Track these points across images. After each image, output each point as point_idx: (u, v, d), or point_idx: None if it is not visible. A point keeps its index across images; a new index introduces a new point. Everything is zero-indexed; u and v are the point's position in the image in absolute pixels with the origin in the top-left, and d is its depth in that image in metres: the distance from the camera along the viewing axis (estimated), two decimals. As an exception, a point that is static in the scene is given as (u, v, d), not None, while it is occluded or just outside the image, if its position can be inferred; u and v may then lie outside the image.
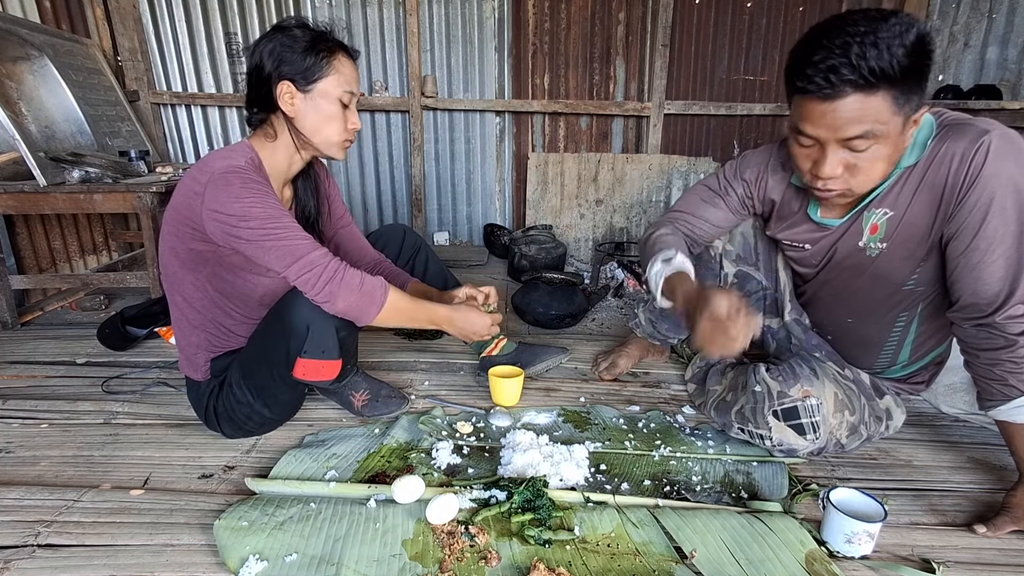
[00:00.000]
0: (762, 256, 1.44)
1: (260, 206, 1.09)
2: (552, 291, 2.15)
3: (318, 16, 2.92)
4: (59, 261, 2.48)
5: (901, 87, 0.91)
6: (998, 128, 1.00)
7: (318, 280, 1.10)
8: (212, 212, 1.09)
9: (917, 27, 0.91)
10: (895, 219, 1.11)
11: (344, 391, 1.43)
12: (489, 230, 3.24)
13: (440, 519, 1.03)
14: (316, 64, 1.14)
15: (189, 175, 1.15)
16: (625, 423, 1.44)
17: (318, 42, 1.15)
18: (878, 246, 1.15)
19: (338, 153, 1.24)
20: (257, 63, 1.15)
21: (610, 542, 1.02)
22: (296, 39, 1.13)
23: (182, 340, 1.30)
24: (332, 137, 1.21)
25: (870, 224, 1.15)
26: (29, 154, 1.86)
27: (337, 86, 1.17)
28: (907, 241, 1.12)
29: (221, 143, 3.10)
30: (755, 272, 1.45)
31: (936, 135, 1.05)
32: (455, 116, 3.15)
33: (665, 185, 3.15)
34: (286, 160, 1.24)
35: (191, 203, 1.12)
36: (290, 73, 1.14)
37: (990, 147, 0.98)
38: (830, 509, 1.02)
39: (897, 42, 0.89)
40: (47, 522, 1.04)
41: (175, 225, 1.17)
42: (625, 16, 3.02)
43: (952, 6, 2.99)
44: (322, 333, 1.18)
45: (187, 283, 1.22)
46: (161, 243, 1.23)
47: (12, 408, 1.46)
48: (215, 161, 1.12)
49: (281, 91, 1.15)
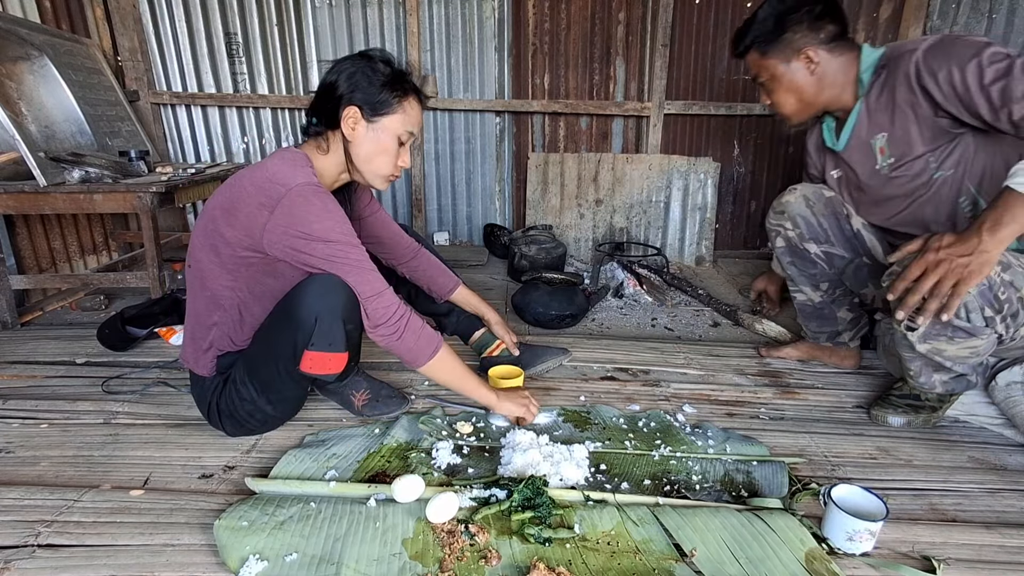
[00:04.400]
0: (829, 229, 1.60)
1: (339, 230, 1.14)
2: (552, 291, 2.15)
3: (318, 16, 2.93)
4: (59, 261, 2.48)
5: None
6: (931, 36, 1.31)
7: (391, 317, 1.18)
8: (284, 228, 1.11)
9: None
10: (891, 136, 1.40)
11: (345, 391, 1.43)
12: (489, 230, 3.24)
13: (440, 518, 1.03)
14: (389, 100, 1.19)
15: (252, 182, 1.14)
16: (625, 423, 1.44)
17: (398, 81, 1.20)
18: (889, 162, 1.43)
19: (381, 184, 1.28)
20: (332, 81, 1.19)
21: (610, 540, 1.02)
22: (378, 72, 1.18)
23: (194, 334, 1.29)
24: (381, 170, 1.25)
25: (878, 148, 1.44)
26: (29, 154, 1.86)
27: (401, 125, 1.22)
28: (909, 145, 1.38)
29: (221, 143, 3.10)
30: (832, 248, 1.61)
31: (882, 59, 1.39)
32: (455, 116, 3.15)
33: (665, 185, 3.15)
34: (333, 176, 1.27)
35: (254, 213, 1.12)
36: (361, 100, 1.18)
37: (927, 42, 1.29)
38: (831, 506, 1.02)
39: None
40: (47, 522, 1.04)
41: (224, 225, 1.16)
42: (625, 16, 3.02)
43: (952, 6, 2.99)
44: (330, 325, 1.18)
45: (221, 283, 1.22)
46: (198, 236, 1.22)
47: (12, 408, 1.46)
48: (286, 173, 1.13)
49: (347, 114, 1.18)
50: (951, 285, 1.13)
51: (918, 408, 1.47)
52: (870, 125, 1.44)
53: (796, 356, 1.86)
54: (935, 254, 1.14)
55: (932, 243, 1.16)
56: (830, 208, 1.60)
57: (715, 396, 1.62)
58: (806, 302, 1.74)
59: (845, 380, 1.74)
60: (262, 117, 3.09)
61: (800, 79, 1.45)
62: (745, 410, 1.55)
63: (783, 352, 1.87)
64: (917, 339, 1.28)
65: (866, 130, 1.45)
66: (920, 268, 1.16)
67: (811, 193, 1.61)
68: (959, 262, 1.12)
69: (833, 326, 1.75)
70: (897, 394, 1.51)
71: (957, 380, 1.39)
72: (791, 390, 1.67)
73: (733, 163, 3.27)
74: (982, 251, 1.10)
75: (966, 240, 1.12)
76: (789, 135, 3.21)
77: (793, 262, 1.68)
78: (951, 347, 1.28)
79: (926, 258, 1.15)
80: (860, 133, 1.46)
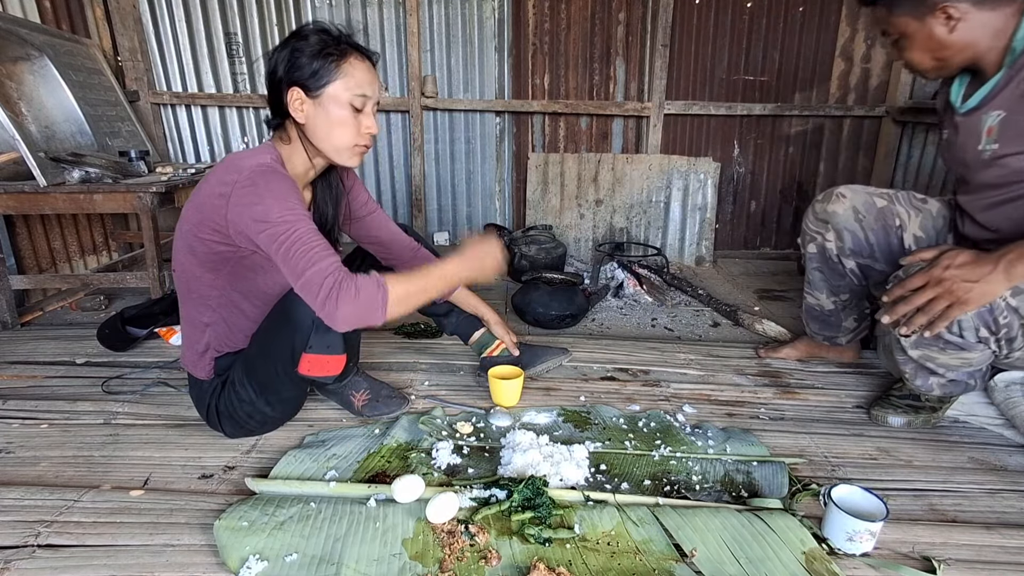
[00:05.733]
0: (876, 244, 1.51)
1: (278, 209, 1.05)
2: (552, 291, 2.15)
3: (318, 16, 2.93)
4: (59, 261, 2.48)
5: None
6: None
7: (319, 293, 1.02)
8: (237, 215, 1.07)
9: None
10: (1008, 119, 1.19)
11: (344, 391, 1.43)
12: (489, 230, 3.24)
13: (440, 518, 1.03)
14: (324, 68, 1.10)
15: (214, 175, 1.13)
16: (625, 423, 1.44)
17: (328, 45, 1.11)
18: (991, 148, 1.23)
19: (350, 160, 1.20)
20: (271, 69, 1.13)
21: (610, 540, 1.01)
22: (308, 43, 1.10)
23: (190, 338, 1.29)
24: (342, 143, 1.16)
25: (986, 127, 1.23)
26: (29, 154, 1.86)
27: (347, 90, 1.12)
28: (1015, 138, 1.18)
29: (221, 143, 3.10)
30: (874, 263, 1.53)
31: None
32: (455, 116, 3.15)
33: (665, 185, 3.15)
34: (304, 165, 1.22)
35: (215, 204, 1.09)
36: (299, 79, 1.11)
37: None
38: (831, 507, 1.02)
39: None
40: (47, 522, 1.04)
41: (196, 224, 1.15)
42: (625, 16, 3.02)
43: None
44: (328, 328, 1.17)
45: (204, 282, 1.21)
46: (177, 240, 1.21)
47: (12, 408, 1.46)
48: (241, 161, 1.11)
49: (291, 97, 1.12)
50: (945, 306, 1.11)
51: (918, 408, 1.47)
52: (998, 99, 1.21)
53: (795, 356, 1.86)
54: (942, 271, 1.11)
55: (944, 258, 1.12)
56: (881, 221, 1.49)
57: (715, 396, 1.62)
58: (816, 305, 1.71)
59: (845, 380, 1.74)
60: (262, 117, 3.09)
61: (937, 37, 1.20)
62: (745, 410, 1.55)
63: (782, 352, 1.87)
64: (909, 344, 1.28)
65: (991, 103, 1.23)
66: (922, 280, 1.14)
67: (861, 204, 1.49)
68: (962, 286, 1.09)
69: (835, 332, 1.75)
70: (897, 394, 1.51)
71: (954, 384, 1.36)
72: (791, 390, 1.67)
73: (733, 163, 3.27)
74: (990, 281, 1.07)
75: (979, 266, 1.08)
76: (789, 134, 3.21)
77: (820, 269, 1.62)
78: (943, 356, 1.27)
79: (931, 272, 1.12)
80: (986, 103, 1.25)
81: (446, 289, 1.22)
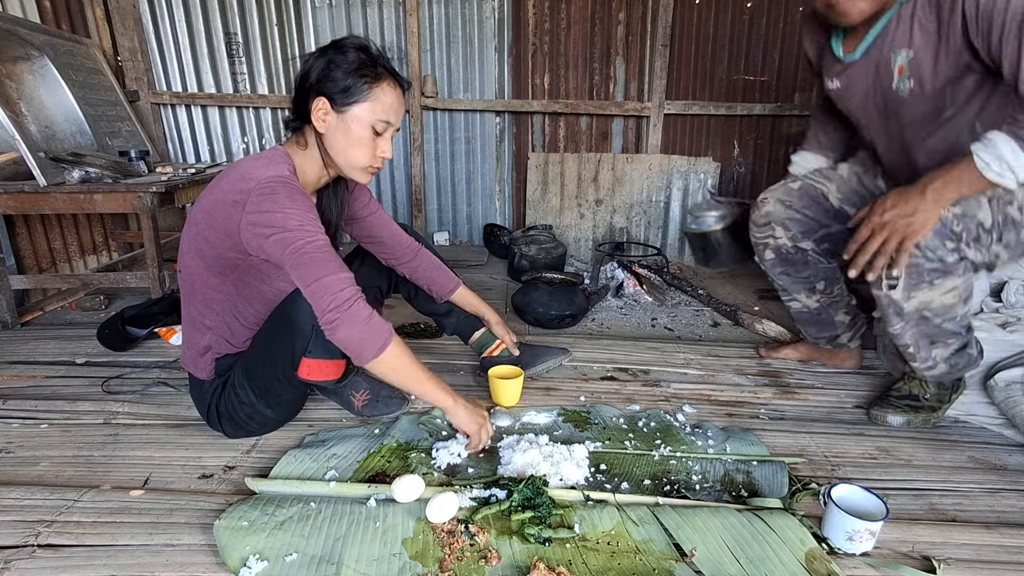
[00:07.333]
0: (816, 216, 1.57)
1: (298, 219, 1.07)
2: (552, 291, 2.15)
3: (318, 16, 2.93)
4: (59, 261, 2.48)
5: None
6: None
7: (328, 305, 1.04)
8: (252, 223, 1.07)
9: None
10: (917, 59, 1.24)
11: (345, 391, 1.43)
12: (489, 230, 3.24)
13: (440, 518, 1.03)
14: (356, 87, 1.12)
15: (227, 182, 1.13)
16: (625, 423, 1.44)
17: (365, 66, 1.12)
18: (907, 84, 1.29)
19: (361, 177, 1.22)
20: (304, 72, 1.14)
21: (610, 540, 1.02)
22: (347, 58, 1.11)
23: (191, 339, 1.29)
24: (357, 162, 1.18)
25: (897, 66, 1.29)
26: (29, 154, 1.86)
27: (372, 113, 1.14)
28: (934, 72, 1.24)
29: (221, 143, 3.10)
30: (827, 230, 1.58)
31: None
32: (455, 116, 3.15)
33: (665, 185, 3.15)
34: (315, 172, 1.23)
35: (229, 212, 1.10)
36: (329, 90, 1.12)
37: None
38: (831, 506, 1.02)
39: None
40: (47, 522, 1.04)
41: (206, 228, 1.15)
42: (625, 16, 3.02)
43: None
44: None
45: (210, 286, 1.22)
46: (184, 241, 1.21)
47: (12, 408, 1.46)
48: (255, 170, 1.11)
49: (316, 106, 1.13)
50: (897, 243, 1.20)
51: (918, 408, 1.47)
52: (896, 37, 1.26)
53: (796, 357, 1.86)
54: (880, 216, 1.21)
55: (876, 206, 1.23)
56: (806, 196, 1.58)
57: (715, 396, 1.62)
58: (802, 309, 1.72)
59: (845, 380, 1.74)
60: (262, 117, 3.10)
61: None
62: (745, 410, 1.55)
63: (783, 353, 1.87)
64: (901, 296, 1.29)
65: (889, 42, 1.28)
66: (868, 231, 1.23)
67: (783, 194, 1.59)
68: (902, 222, 1.19)
69: (832, 330, 1.74)
70: (897, 394, 1.51)
71: (959, 355, 1.38)
72: (791, 390, 1.67)
73: (733, 163, 3.27)
74: (923, 209, 1.17)
75: (909, 199, 1.18)
76: (789, 134, 3.21)
77: (785, 271, 1.66)
78: (934, 294, 1.28)
79: (872, 221, 1.22)
80: (882, 44, 1.30)
81: (424, 399, 1.23)
